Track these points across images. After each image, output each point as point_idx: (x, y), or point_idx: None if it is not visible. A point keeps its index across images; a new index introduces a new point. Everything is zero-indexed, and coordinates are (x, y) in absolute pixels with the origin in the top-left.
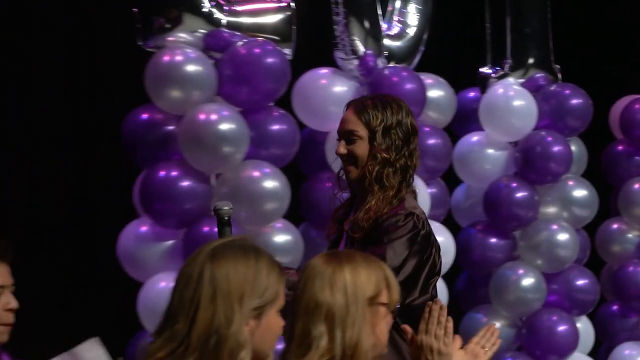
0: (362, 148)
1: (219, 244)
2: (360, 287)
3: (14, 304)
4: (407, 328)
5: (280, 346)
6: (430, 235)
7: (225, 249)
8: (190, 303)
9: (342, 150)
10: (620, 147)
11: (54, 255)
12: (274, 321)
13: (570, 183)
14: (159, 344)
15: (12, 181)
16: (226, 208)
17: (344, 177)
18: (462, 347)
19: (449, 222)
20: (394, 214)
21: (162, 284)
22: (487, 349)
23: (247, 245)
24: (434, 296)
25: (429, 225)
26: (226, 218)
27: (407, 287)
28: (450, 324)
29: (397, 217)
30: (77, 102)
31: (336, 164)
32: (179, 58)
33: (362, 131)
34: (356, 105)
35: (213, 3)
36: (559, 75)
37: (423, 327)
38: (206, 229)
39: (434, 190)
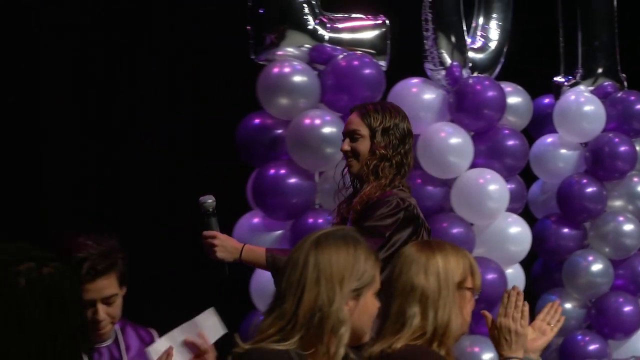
0: (363, 145)
1: (323, 234)
2: (451, 273)
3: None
4: (487, 313)
5: None
6: (416, 217)
7: (328, 238)
8: (297, 285)
9: (347, 147)
10: None
11: (180, 242)
12: (370, 302)
13: (635, 179)
14: (269, 321)
15: (145, 179)
16: (210, 201)
17: (347, 174)
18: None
19: (526, 214)
20: (382, 197)
21: None
22: (552, 325)
23: (347, 235)
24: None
25: (416, 209)
26: (211, 210)
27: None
28: (526, 308)
29: (386, 199)
30: (196, 109)
31: (341, 165)
32: (287, 70)
33: (364, 130)
34: (360, 109)
35: (317, 21)
36: (625, 83)
37: (502, 311)
38: (311, 220)
39: (512, 186)
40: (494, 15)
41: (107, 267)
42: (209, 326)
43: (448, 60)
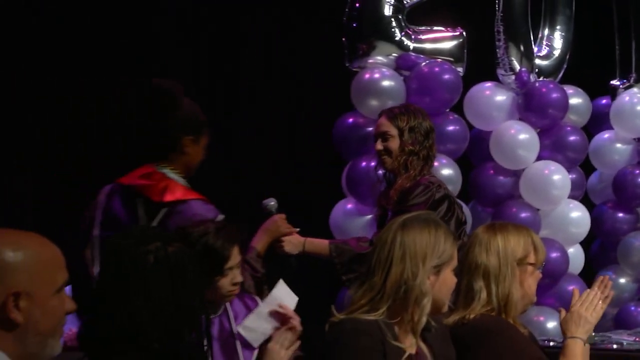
0: (394, 143)
1: (408, 217)
2: (510, 251)
3: (239, 278)
4: (562, 310)
5: None
6: (446, 195)
7: (413, 221)
8: (385, 262)
9: (379, 146)
10: None
11: None
12: (449, 277)
13: None
14: (360, 293)
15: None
16: (272, 203)
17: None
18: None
19: (586, 201)
20: (414, 184)
21: None
22: (600, 300)
23: (429, 218)
24: (464, 242)
25: (446, 189)
26: (274, 211)
27: None
28: (601, 303)
29: (417, 184)
30: (297, 110)
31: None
32: (376, 75)
33: (393, 131)
34: (387, 113)
35: (403, 33)
36: None
37: (578, 301)
38: None
39: (573, 176)
40: (558, 27)
41: (229, 238)
42: (285, 296)
43: (517, 67)
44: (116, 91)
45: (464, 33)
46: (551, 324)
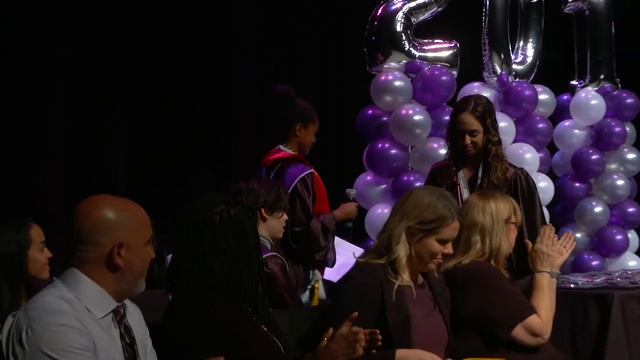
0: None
1: (432, 187)
2: (500, 212)
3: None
4: (528, 242)
5: None
6: None
7: (424, 189)
8: (391, 215)
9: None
10: None
11: None
12: (430, 244)
13: (626, 150)
14: (376, 243)
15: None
16: (353, 192)
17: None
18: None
19: (551, 174)
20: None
21: (378, 211)
22: (567, 248)
23: (437, 190)
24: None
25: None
26: (352, 199)
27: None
28: (556, 239)
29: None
30: (330, 104)
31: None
32: (390, 77)
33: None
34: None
35: (410, 45)
36: (619, 85)
37: (540, 240)
38: (405, 178)
39: (541, 155)
40: (530, 40)
41: (276, 201)
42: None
43: (498, 70)
44: None
45: (458, 44)
46: None
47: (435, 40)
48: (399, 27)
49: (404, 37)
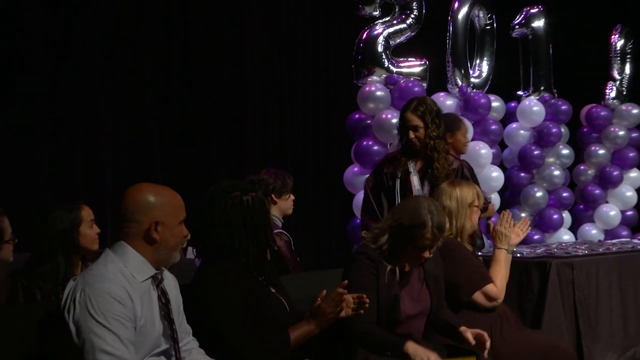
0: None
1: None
2: (464, 197)
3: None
4: (491, 223)
5: None
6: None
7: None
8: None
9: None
10: None
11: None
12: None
13: (561, 146)
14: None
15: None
16: (489, 197)
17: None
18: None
19: (501, 166)
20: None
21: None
22: (523, 231)
23: (425, 197)
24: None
25: None
26: (489, 201)
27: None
28: (512, 222)
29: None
30: (325, 110)
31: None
32: (373, 88)
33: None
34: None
35: (389, 62)
36: (556, 95)
37: (499, 222)
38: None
39: (494, 150)
40: (485, 58)
41: (283, 186)
42: None
43: (460, 83)
44: None
45: (427, 62)
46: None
47: (409, 59)
48: (380, 48)
49: (384, 56)
